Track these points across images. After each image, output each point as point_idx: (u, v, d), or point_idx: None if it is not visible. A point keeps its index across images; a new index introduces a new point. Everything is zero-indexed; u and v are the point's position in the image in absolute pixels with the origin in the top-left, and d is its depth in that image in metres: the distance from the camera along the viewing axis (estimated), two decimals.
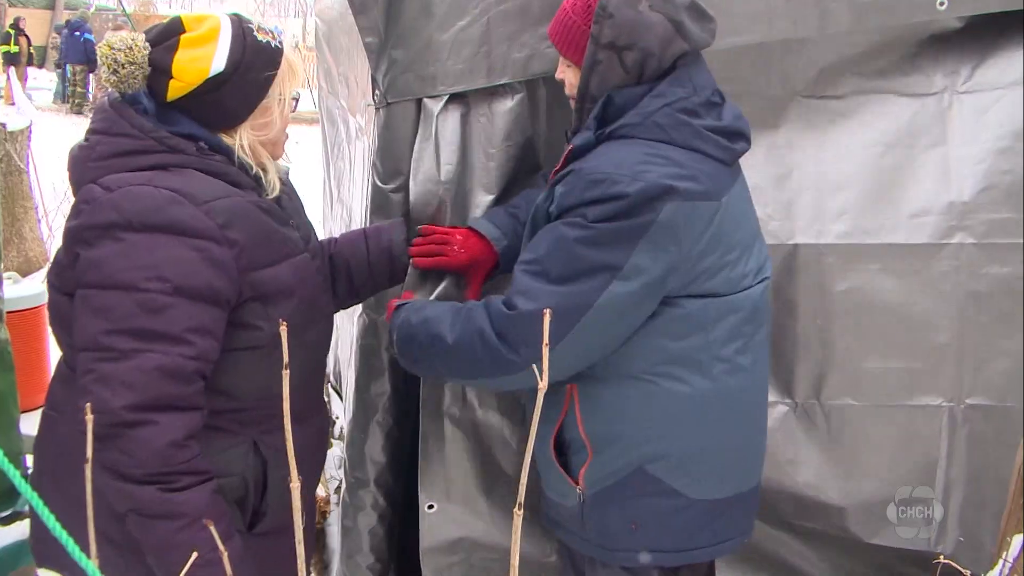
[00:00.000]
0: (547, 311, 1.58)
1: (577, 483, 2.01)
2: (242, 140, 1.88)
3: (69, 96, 19.07)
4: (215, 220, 1.74)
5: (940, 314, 2.51)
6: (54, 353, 4.13)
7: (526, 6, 2.30)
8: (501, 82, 2.30)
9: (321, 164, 4.10)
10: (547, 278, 1.85)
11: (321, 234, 2.27)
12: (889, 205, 2.50)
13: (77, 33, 18.92)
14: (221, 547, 1.21)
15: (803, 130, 2.54)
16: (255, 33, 1.84)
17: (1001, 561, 2.14)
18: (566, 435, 2.03)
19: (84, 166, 1.79)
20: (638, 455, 1.96)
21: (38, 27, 22.15)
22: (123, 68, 1.74)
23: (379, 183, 2.42)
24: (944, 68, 2.50)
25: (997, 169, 2.45)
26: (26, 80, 17.43)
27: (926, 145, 2.49)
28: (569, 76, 2.02)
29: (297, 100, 1.95)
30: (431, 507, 2.47)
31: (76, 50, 18.85)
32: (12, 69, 16.22)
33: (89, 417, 1.14)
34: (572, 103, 2.02)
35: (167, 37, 1.81)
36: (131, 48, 1.75)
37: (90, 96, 19.12)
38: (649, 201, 1.78)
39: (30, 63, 19.13)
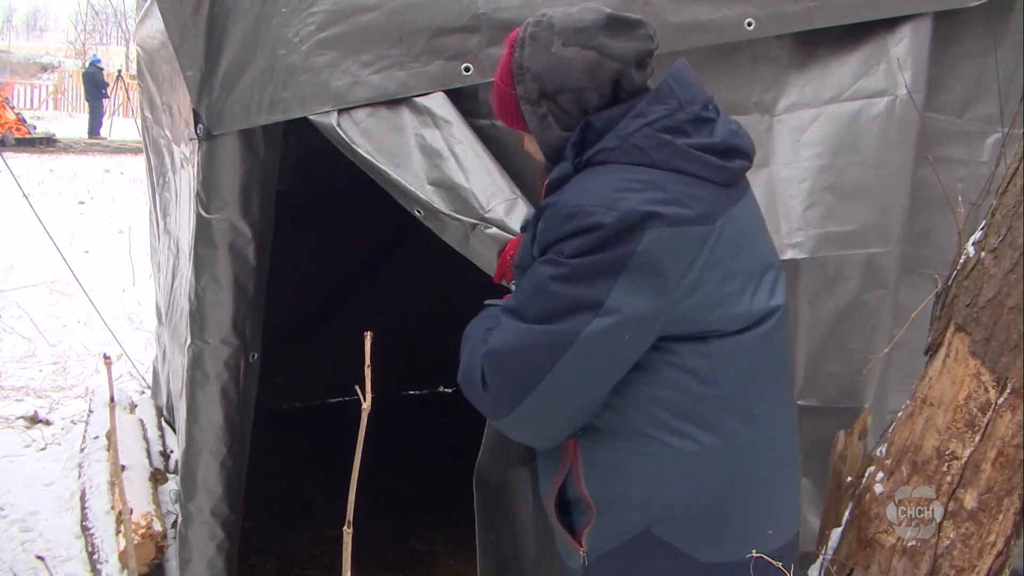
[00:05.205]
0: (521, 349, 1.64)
1: (580, 545, 1.83)
2: None
3: None
4: None
5: None
6: None
7: (344, 35, 2.33)
8: (322, 110, 2.31)
9: (146, 194, 4.02)
10: (523, 319, 1.70)
11: (149, 267, 2.22)
12: None
13: None
14: None
15: None
16: None
17: (821, 556, 2.21)
18: (568, 494, 1.85)
19: None
20: (643, 516, 1.76)
21: None
22: None
23: (203, 213, 2.43)
24: (762, 91, 2.60)
25: (819, 186, 2.57)
26: None
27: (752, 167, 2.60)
28: (530, 145, 1.90)
29: None
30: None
31: None
32: None
33: None
34: (547, 173, 1.87)
35: None
36: None
37: None
38: (628, 231, 1.62)
39: None
